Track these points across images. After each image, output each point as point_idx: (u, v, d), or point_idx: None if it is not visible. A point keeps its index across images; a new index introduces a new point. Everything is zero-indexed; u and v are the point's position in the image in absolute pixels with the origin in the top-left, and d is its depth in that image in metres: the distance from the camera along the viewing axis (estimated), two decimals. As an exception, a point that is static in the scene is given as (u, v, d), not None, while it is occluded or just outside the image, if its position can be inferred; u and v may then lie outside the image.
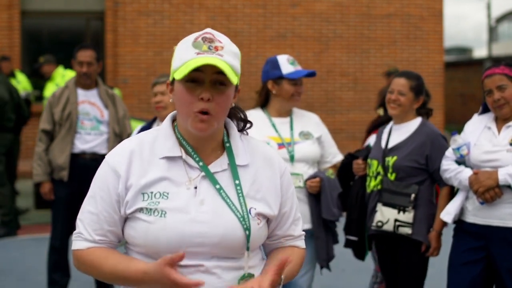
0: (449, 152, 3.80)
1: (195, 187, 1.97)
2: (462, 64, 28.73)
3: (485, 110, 3.78)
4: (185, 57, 1.95)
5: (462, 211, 3.75)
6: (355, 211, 4.19)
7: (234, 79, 1.93)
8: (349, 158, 4.34)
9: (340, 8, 13.24)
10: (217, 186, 1.97)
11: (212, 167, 2.00)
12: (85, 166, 5.22)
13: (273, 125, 4.01)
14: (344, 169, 4.36)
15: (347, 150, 4.59)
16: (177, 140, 2.03)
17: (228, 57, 1.95)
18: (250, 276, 1.99)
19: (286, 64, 4.03)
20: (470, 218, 3.70)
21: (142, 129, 4.43)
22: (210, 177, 1.98)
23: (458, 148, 3.70)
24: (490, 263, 3.66)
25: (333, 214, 3.93)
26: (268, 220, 2.06)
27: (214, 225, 1.93)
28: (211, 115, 1.93)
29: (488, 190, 3.54)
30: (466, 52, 44.62)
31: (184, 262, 1.90)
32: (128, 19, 12.60)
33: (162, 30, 12.67)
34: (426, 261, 4.01)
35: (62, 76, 8.87)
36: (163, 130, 2.05)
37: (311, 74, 4.03)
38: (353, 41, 13.30)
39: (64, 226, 5.35)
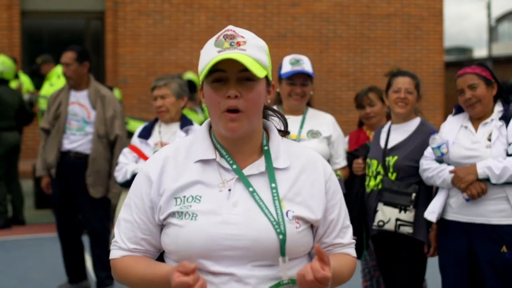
0: (428, 152, 3.81)
1: (229, 190, 1.91)
2: (462, 64, 28.70)
3: (459, 111, 3.81)
4: (208, 57, 1.89)
5: (444, 208, 3.74)
6: (354, 211, 4.20)
7: (260, 72, 1.86)
8: (349, 158, 4.35)
9: (340, 8, 13.24)
10: (250, 189, 1.90)
11: (247, 170, 1.93)
12: (71, 164, 5.47)
13: None
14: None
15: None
16: (212, 143, 1.97)
17: (251, 51, 1.88)
18: (288, 283, 1.88)
19: (287, 64, 4.08)
20: (452, 216, 3.70)
21: (144, 129, 4.42)
22: (243, 179, 1.91)
23: (438, 147, 3.70)
24: (473, 260, 3.66)
25: None
26: (312, 226, 1.97)
27: (246, 228, 1.86)
28: (241, 112, 1.87)
29: (472, 185, 3.54)
30: (466, 52, 44.64)
31: (217, 268, 1.86)
32: (128, 19, 12.60)
33: (162, 30, 12.66)
34: (426, 261, 4.02)
35: (58, 76, 8.87)
36: (199, 134, 2.00)
37: (299, 72, 4.03)
38: (353, 41, 13.30)
39: (61, 222, 5.62)
